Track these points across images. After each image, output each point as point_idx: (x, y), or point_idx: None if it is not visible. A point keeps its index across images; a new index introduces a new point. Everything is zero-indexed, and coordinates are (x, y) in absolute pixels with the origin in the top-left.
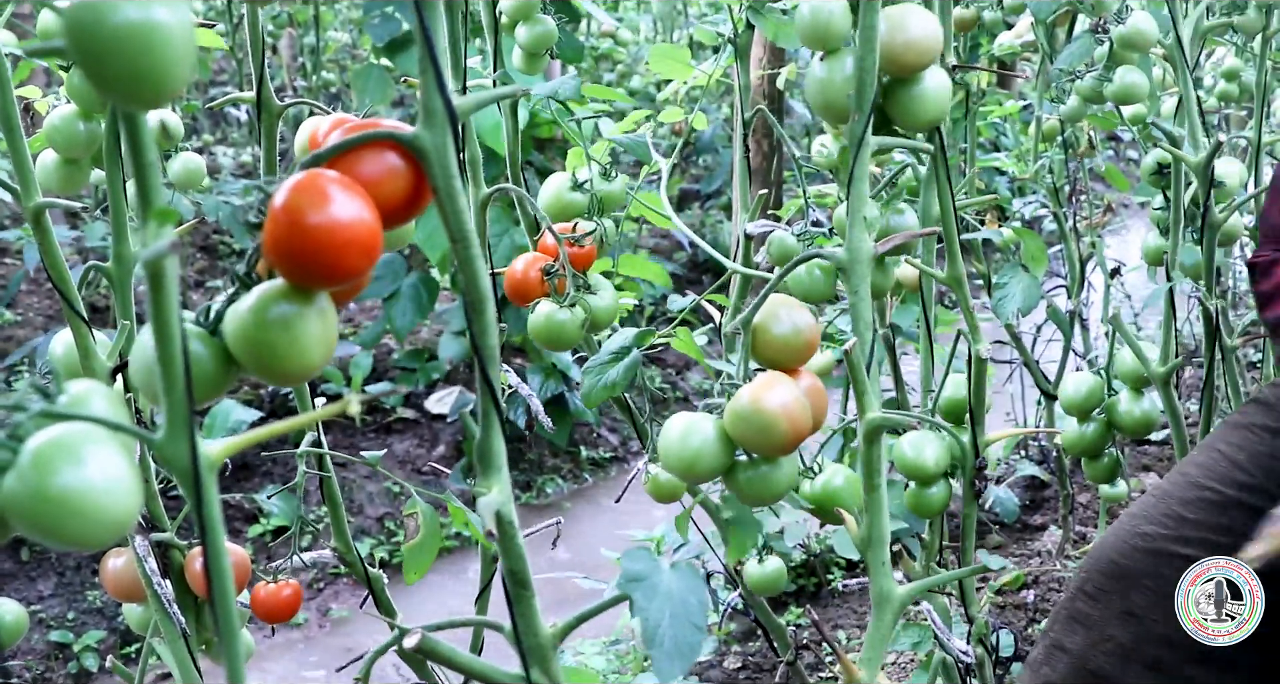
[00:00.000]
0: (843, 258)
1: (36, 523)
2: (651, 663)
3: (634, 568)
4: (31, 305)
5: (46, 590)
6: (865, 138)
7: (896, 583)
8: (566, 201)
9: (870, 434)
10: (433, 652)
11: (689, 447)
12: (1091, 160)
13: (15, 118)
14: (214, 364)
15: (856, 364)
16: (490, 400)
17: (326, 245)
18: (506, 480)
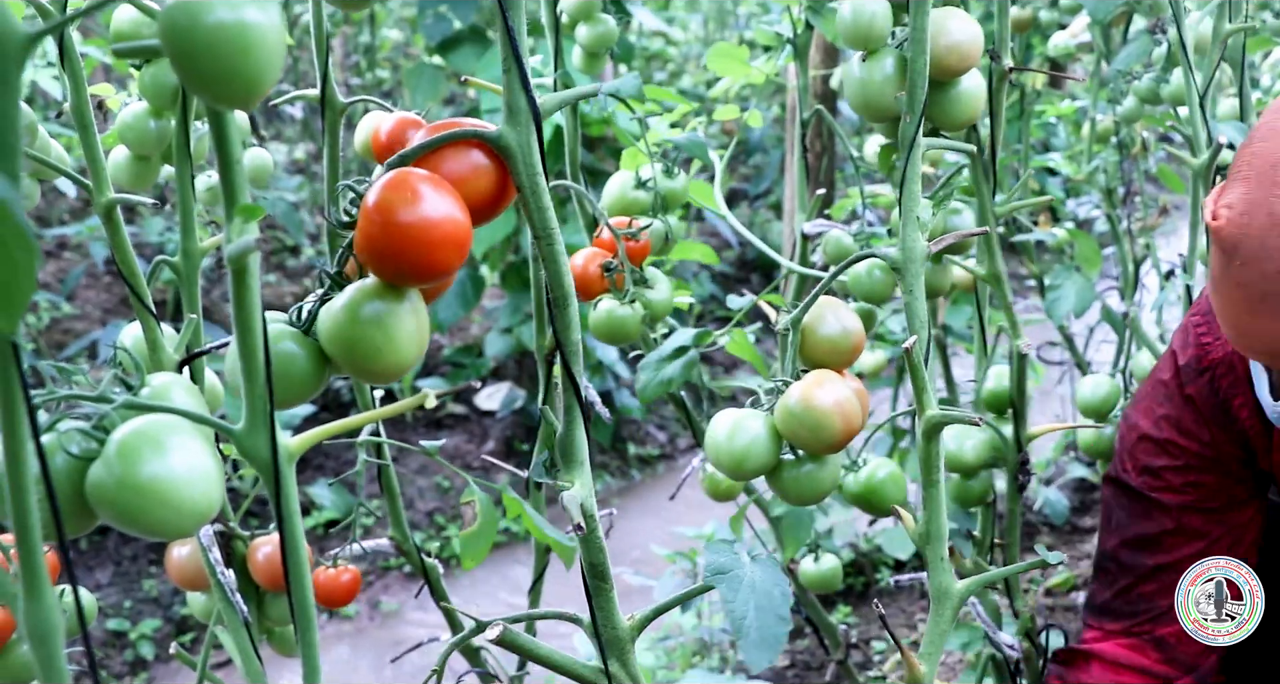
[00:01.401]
0: (897, 257)
1: (123, 512)
2: (742, 652)
3: (718, 560)
4: (90, 299)
5: (104, 580)
6: (917, 138)
7: (955, 579)
8: (630, 199)
9: (929, 431)
10: (513, 643)
11: (737, 444)
12: (1145, 162)
13: (89, 115)
14: (309, 363)
15: (916, 362)
16: (574, 396)
17: (420, 243)
18: (589, 474)
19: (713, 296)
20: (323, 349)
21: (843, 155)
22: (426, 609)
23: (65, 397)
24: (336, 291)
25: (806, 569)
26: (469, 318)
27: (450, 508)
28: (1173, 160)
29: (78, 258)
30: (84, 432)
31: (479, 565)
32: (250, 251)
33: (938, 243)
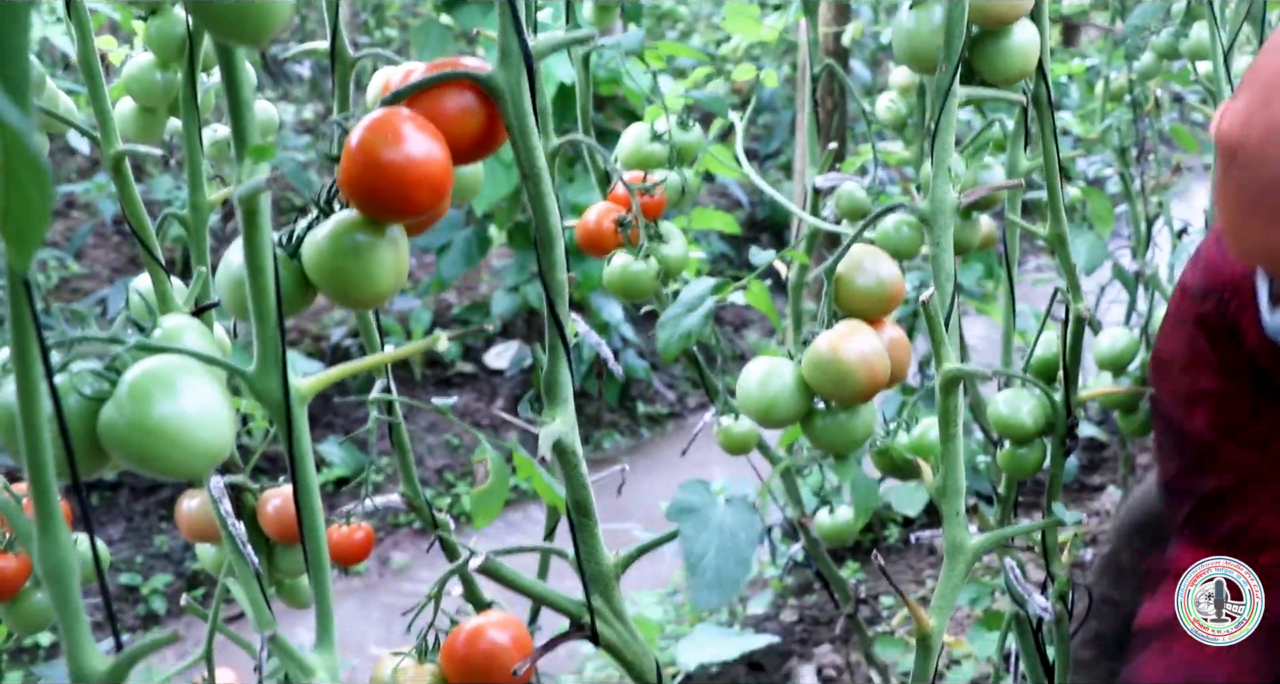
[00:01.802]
0: (926, 209)
1: (135, 452)
2: (692, 590)
3: (687, 499)
4: (98, 258)
5: (116, 535)
6: (952, 89)
7: (970, 534)
8: (646, 153)
9: (947, 385)
10: (496, 573)
11: (768, 391)
12: (1158, 120)
13: (96, 66)
14: (292, 285)
15: (934, 315)
16: (558, 334)
17: (398, 181)
18: (571, 412)
19: (723, 255)
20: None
21: (854, 115)
22: (436, 566)
23: (78, 339)
24: (323, 220)
25: (821, 521)
26: (477, 277)
27: (460, 465)
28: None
29: (85, 217)
30: (96, 373)
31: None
32: (261, 191)
33: (969, 195)
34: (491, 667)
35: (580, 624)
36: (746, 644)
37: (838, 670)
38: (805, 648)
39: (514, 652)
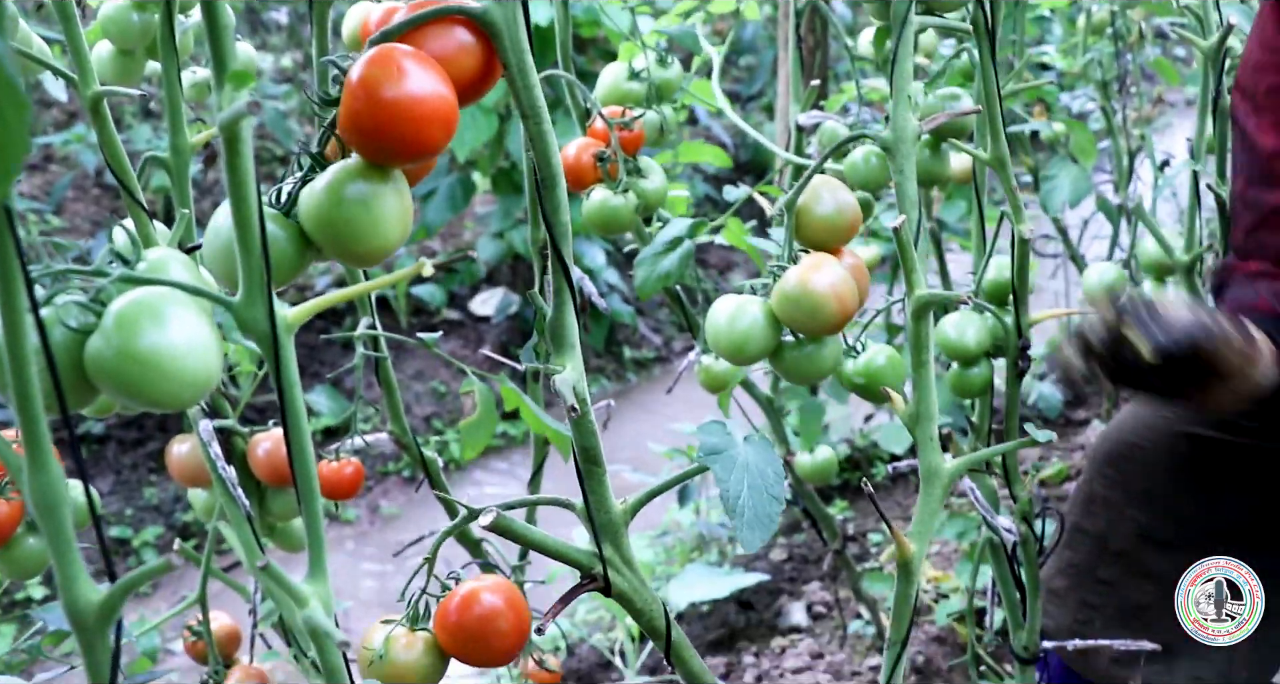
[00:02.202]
0: (887, 137)
1: (122, 382)
2: (735, 531)
3: (711, 441)
4: (78, 212)
5: (105, 488)
6: (908, 17)
7: (944, 459)
8: (624, 90)
9: (918, 311)
10: (507, 529)
11: (737, 328)
12: (1140, 53)
13: (70, 7)
14: (290, 246)
15: (905, 242)
16: (563, 277)
17: (405, 119)
18: (579, 358)
19: (707, 197)
20: (304, 231)
21: (836, 53)
22: (427, 512)
23: (62, 270)
24: (318, 172)
25: (802, 461)
26: (461, 224)
27: (447, 413)
28: (1168, 53)
29: (64, 170)
30: (81, 304)
31: (475, 467)
32: (243, 117)
33: (929, 122)
34: (487, 632)
35: (593, 575)
36: (736, 583)
37: (827, 607)
38: (794, 585)
39: (509, 615)
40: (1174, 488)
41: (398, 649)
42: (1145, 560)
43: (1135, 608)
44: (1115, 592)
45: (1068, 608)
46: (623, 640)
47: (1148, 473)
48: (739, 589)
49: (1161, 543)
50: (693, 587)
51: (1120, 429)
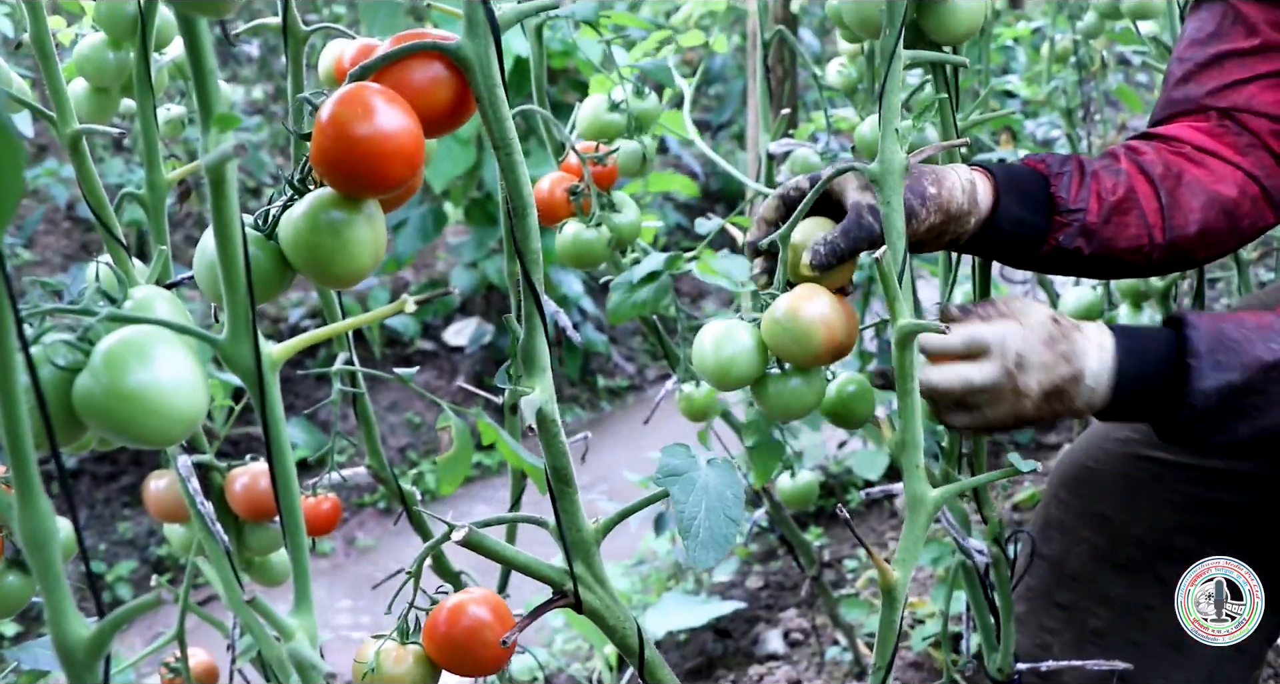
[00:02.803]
0: (875, 169)
1: (111, 420)
2: (686, 551)
3: (672, 463)
4: (49, 245)
5: (79, 522)
6: (897, 51)
7: (929, 487)
8: (606, 122)
9: (902, 340)
10: (480, 545)
11: (723, 353)
12: (1104, 81)
13: (50, 46)
14: (270, 266)
15: (888, 272)
16: (534, 303)
17: (371, 156)
18: (550, 380)
19: (679, 226)
20: (283, 253)
21: (805, 82)
22: (403, 545)
23: (50, 310)
24: (298, 199)
25: (783, 485)
26: (434, 254)
27: (422, 444)
28: (1131, 80)
29: (35, 203)
30: (69, 343)
31: (452, 499)
32: (229, 160)
33: (916, 155)
34: (474, 642)
35: (563, 591)
36: (713, 611)
37: (804, 634)
38: (771, 613)
39: (496, 626)
40: (1127, 510)
41: (389, 663)
42: (1101, 584)
43: (1092, 633)
44: (1072, 616)
45: (1027, 633)
46: (600, 670)
47: (1101, 495)
48: (716, 617)
49: (1117, 566)
50: (669, 615)
51: (1075, 452)
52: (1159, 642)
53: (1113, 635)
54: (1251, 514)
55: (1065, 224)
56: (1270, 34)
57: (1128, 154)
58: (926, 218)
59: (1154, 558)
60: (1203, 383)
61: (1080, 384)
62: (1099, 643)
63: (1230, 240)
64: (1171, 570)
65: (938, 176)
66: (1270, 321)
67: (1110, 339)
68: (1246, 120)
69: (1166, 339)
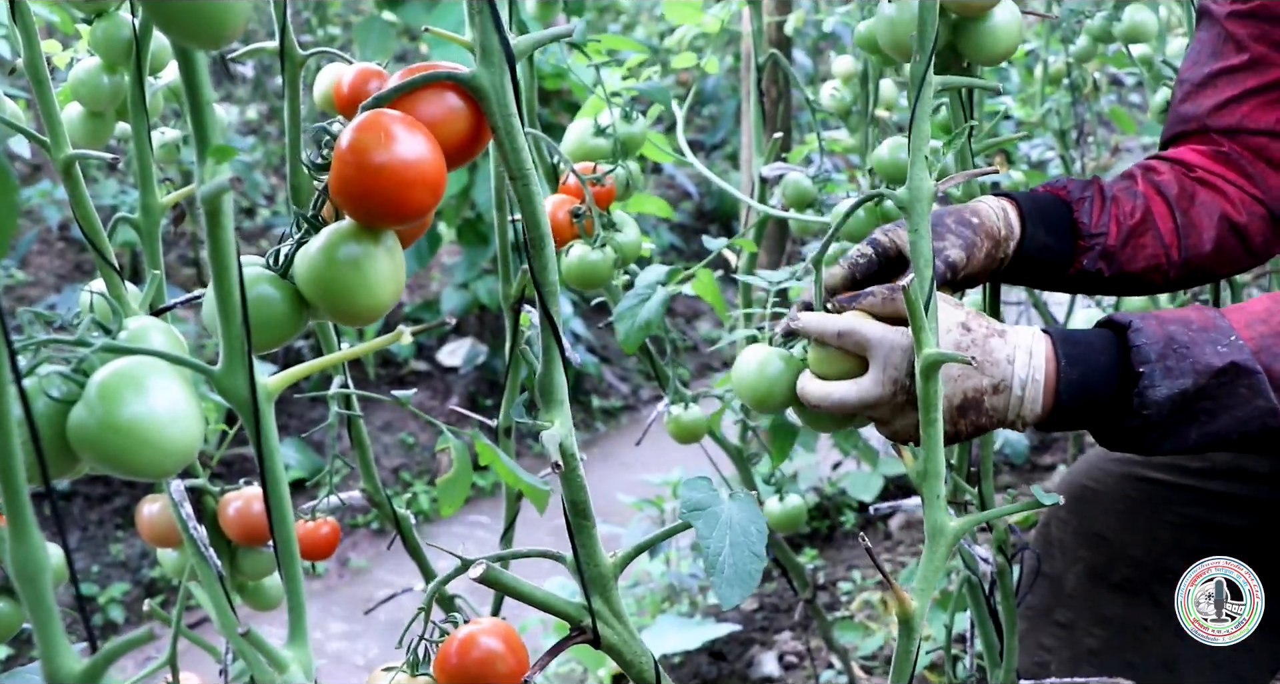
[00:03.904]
0: (903, 197)
1: (105, 453)
2: (714, 588)
3: (695, 497)
4: (43, 265)
5: (71, 545)
6: (927, 77)
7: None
8: (591, 146)
9: (927, 370)
10: (498, 582)
11: (766, 377)
12: (1097, 103)
13: (44, 71)
14: (286, 306)
15: (914, 301)
16: (552, 336)
17: (394, 184)
18: (568, 413)
19: (672, 246)
20: (299, 292)
21: (798, 104)
22: (396, 567)
23: (45, 341)
24: (312, 234)
25: (771, 509)
26: (428, 275)
27: (416, 464)
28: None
29: (29, 224)
30: (64, 375)
31: (446, 520)
32: (225, 192)
33: (946, 182)
34: (487, 674)
35: (581, 627)
36: (708, 633)
37: (799, 656)
38: (766, 635)
39: (509, 658)
40: (1125, 531)
41: None
42: (1098, 604)
43: (1088, 653)
44: (1070, 636)
45: (1026, 651)
46: None
47: (1100, 516)
48: (710, 640)
49: (1114, 586)
50: (664, 637)
51: (1075, 472)
52: (1155, 663)
53: (1108, 656)
54: (1250, 537)
55: (1088, 248)
56: (1255, 48)
57: (1145, 175)
58: (981, 246)
59: (1151, 579)
60: (1155, 392)
61: (1005, 395)
62: (1095, 663)
63: (1245, 258)
64: (1167, 592)
65: (973, 208)
66: (1212, 320)
67: (1044, 343)
68: (1246, 141)
69: (1108, 345)
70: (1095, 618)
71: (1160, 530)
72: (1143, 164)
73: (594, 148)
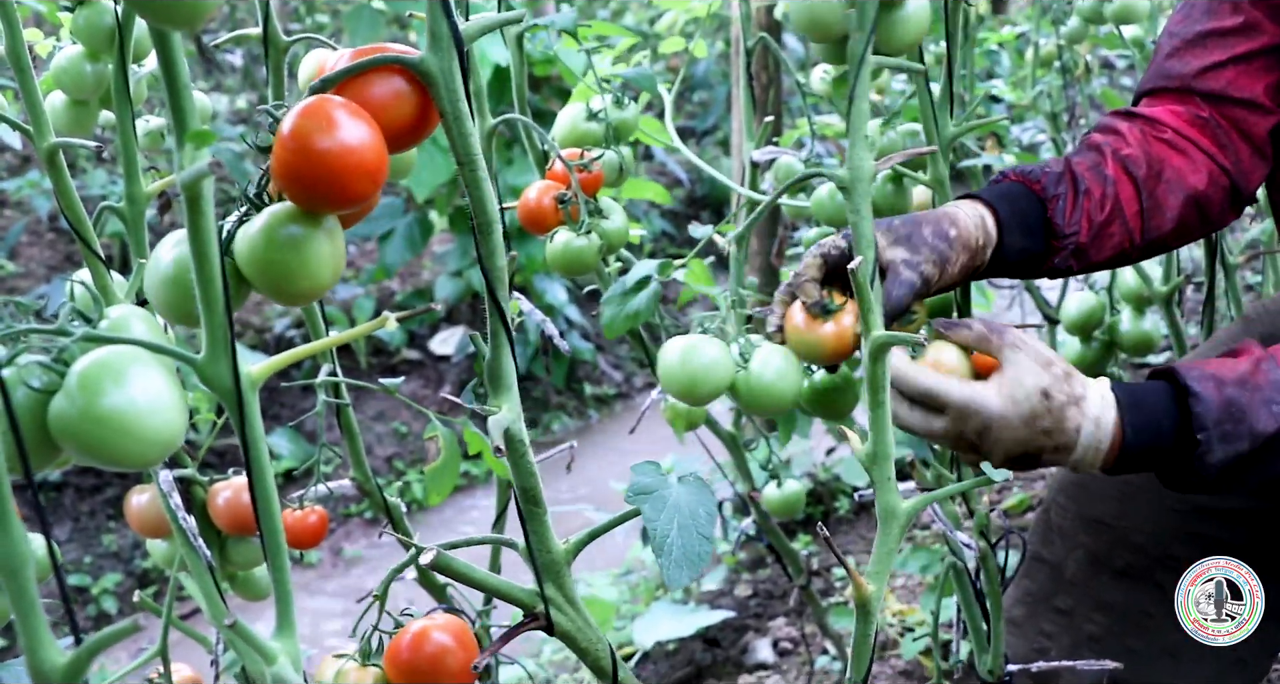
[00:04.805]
0: (844, 176)
1: (86, 443)
2: (661, 570)
3: (643, 481)
4: (33, 257)
5: (62, 536)
6: (866, 57)
7: (902, 497)
8: (582, 131)
9: (875, 352)
10: (447, 568)
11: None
12: (1088, 85)
13: (25, 59)
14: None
15: (862, 283)
16: (499, 321)
17: (333, 170)
18: (516, 399)
19: (664, 233)
20: (239, 269)
21: (789, 89)
22: (390, 556)
23: (24, 330)
24: (255, 214)
25: (769, 495)
26: (420, 263)
27: (409, 454)
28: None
29: (17, 215)
30: (44, 365)
31: (439, 508)
32: (204, 177)
33: (885, 162)
34: (437, 669)
35: (534, 614)
36: (702, 620)
37: (793, 642)
38: (760, 622)
39: (460, 653)
40: (1126, 517)
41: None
42: (1099, 590)
43: (1089, 639)
44: (1071, 621)
45: (1025, 638)
46: (588, 680)
47: (1100, 501)
48: (704, 627)
49: (1115, 573)
50: (658, 625)
51: None
52: (1156, 650)
53: (1109, 642)
54: (1256, 522)
55: (1060, 248)
56: (1251, 12)
57: (1114, 152)
58: (957, 259)
59: (1153, 565)
60: (1212, 456)
61: (1065, 455)
62: (1095, 649)
63: (1200, 230)
64: (1170, 578)
65: (952, 218)
66: (1267, 375)
67: (1113, 413)
68: (1227, 110)
69: (1170, 408)
70: (1096, 604)
71: (1162, 516)
72: (1110, 126)
73: (586, 132)
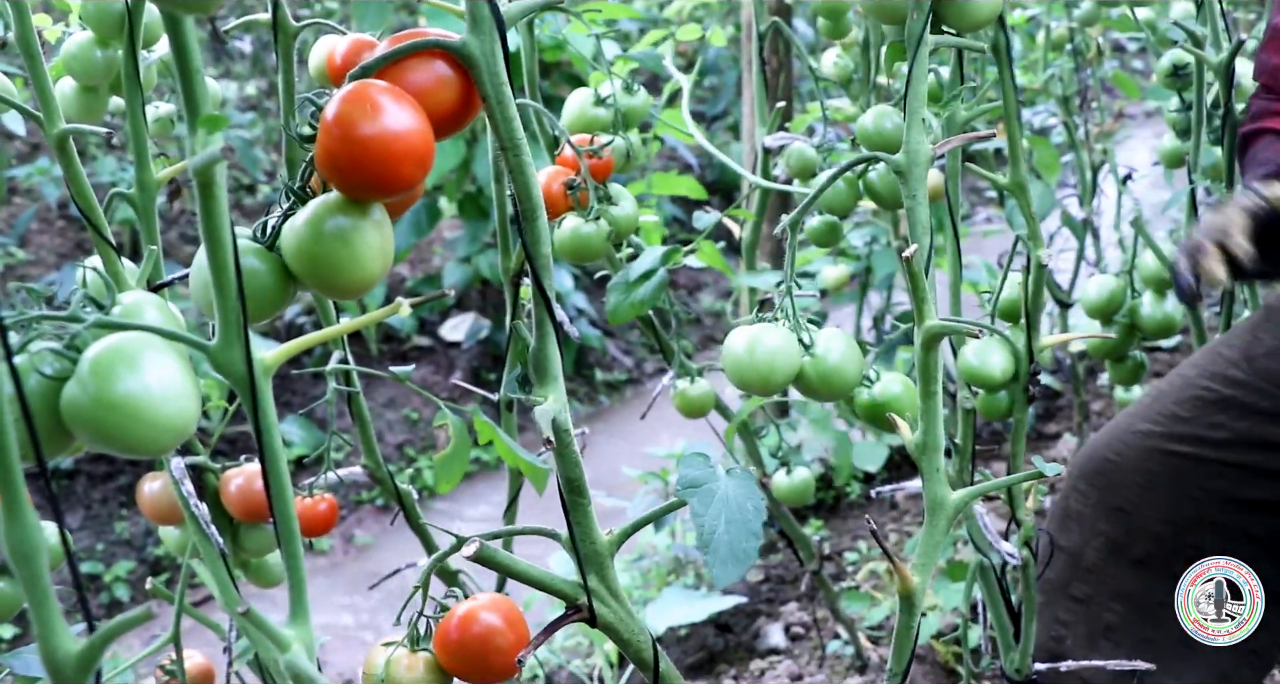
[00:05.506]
0: (901, 161)
1: (99, 430)
2: (707, 567)
3: (691, 474)
4: (43, 244)
5: (75, 523)
6: (924, 36)
7: (950, 489)
8: (590, 117)
9: (928, 341)
10: (492, 560)
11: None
12: (1100, 68)
13: (35, 45)
14: (273, 279)
15: (916, 271)
16: (545, 309)
17: (380, 156)
18: (562, 389)
19: (675, 218)
20: (286, 265)
21: (800, 73)
22: (402, 543)
23: (37, 317)
24: (300, 207)
25: (779, 482)
26: (429, 249)
27: (420, 440)
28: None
29: (28, 202)
30: (57, 352)
31: (451, 495)
32: (217, 162)
33: (943, 146)
34: (487, 649)
35: (578, 606)
36: (713, 606)
37: (805, 628)
38: (772, 607)
39: (508, 633)
40: (1145, 505)
41: (399, 671)
42: (1116, 579)
43: (1105, 628)
44: (1088, 610)
45: (1042, 625)
46: (601, 666)
47: (1120, 489)
48: (716, 612)
49: (1133, 561)
50: (670, 610)
51: (1096, 444)
52: (1172, 640)
53: (1126, 631)
54: (1273, 511)
55: None
56: None
57: None
58: None
59: (1170, 555)
60: None
61: None
62: (1112, 639)
63: None
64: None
65: None
66: None
67: None
68: None
69: None
70: (1113, 593)
71: (1183, 504)
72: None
73: (594, 118)
